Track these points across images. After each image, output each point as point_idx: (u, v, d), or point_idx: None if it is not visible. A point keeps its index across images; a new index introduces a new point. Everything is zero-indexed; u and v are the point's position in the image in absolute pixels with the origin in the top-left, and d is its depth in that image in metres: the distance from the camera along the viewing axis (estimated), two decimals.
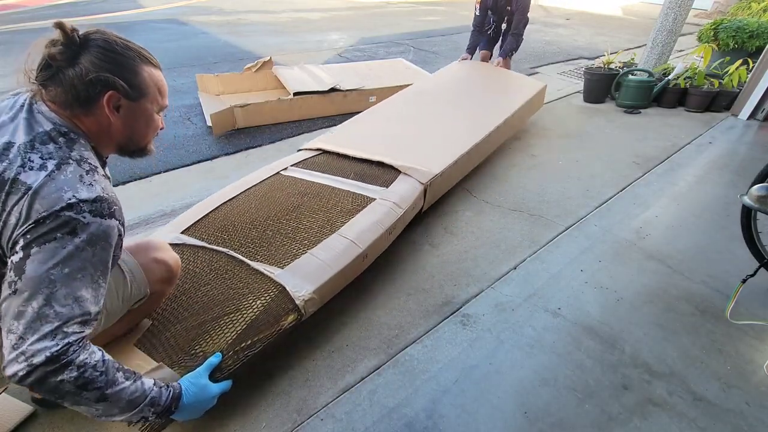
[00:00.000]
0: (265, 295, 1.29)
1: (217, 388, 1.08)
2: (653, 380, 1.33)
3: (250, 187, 1.85)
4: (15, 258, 0.76)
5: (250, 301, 1.27)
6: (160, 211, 2.20)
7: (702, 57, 3.77)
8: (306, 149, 2.22)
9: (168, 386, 0.97)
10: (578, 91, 4.13)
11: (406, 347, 1.44)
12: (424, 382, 1.32)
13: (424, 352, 1.42)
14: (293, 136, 3.15)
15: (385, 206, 1.71)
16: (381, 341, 1.45)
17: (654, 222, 2.15)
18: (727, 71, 3.65)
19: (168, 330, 1.21)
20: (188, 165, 2.69)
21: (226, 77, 3.72)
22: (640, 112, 3.69)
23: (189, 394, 1.00)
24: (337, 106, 3.52)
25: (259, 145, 2.97)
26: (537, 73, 4.86)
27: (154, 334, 1.21)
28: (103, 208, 0.81)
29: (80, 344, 0.80)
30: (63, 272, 0.77)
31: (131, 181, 2.47)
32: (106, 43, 0.85)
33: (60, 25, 0.81)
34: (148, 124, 0.96)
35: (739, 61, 3.61)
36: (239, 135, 3.12)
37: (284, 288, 1.31)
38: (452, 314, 1.57)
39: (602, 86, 3.86)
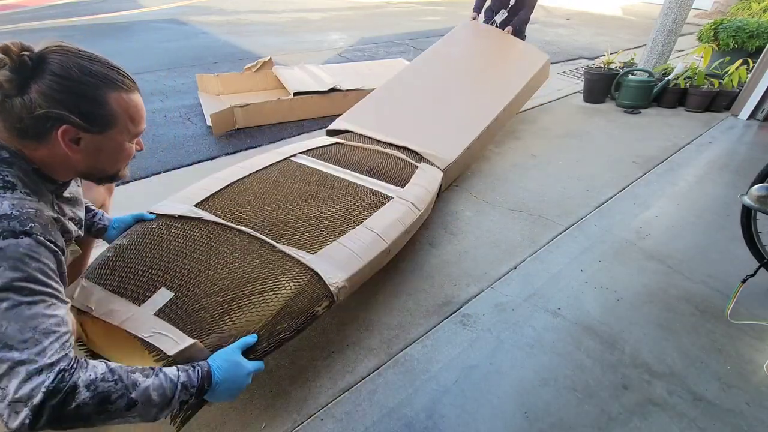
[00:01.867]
0: (298, 278, 1.23)
1: (251, 365, 0.98)
2: (653, 380, 1.33)
3: (260, 170, 1.79)
4: None
5: (283, 282, 1.20)
6: None
7: (702, 57, 3.77)
8: (333, 129, 2.35)
9: (194, 366, 0.89)
10: (578, 91, 4.13)
11: (406, 347, 1.44)
12: (424, 382, 1.32)
13: (424, 352, 1.42)
14: (293, 136, 3.15)
15: (404, 205, 1.71)
16: (381, 341, 1.45)
17: (654, 222, 2.15)
18: (727, 71, 3.66)
19: (196, 302, 1.11)
20: (188, 165, 2.68)
21: (226, 77, 3.72)
22: (640, 112, 3.69)
23: (221, 370, 0.92)
24: (337, 106, 3.52)
25: (259, 145, 2.97)
26: None
27: (179, 306, 1.10)
28: (13, 226, 0.70)
29: (75, 365, 0.71)
30: (1, 308, 0.67)
31: (131, 181, 2.47)
32: (62, 69, 0.72)
33: (5, 50, 0.69)
34: (116, 155, 0.85)
35: (739, 61, 3.61)
36: (239, 135, 3.12)
37: (317, 273, 1.26)
38: (452, 314, 1.57)
39: (602, 86, 3.87)
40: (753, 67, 3.49)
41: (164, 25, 6.92)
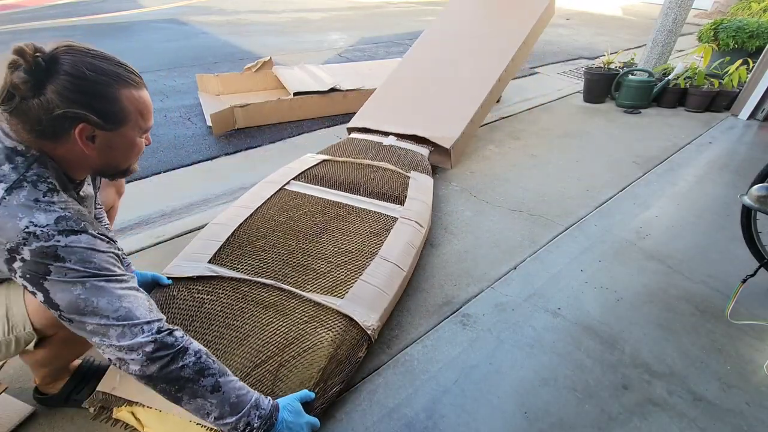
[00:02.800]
0: (335, 327, 1.28)
1: (309, 417, 1.05)
2: (653, 380, 1.33)
3: (260, 207, 1.79)
4: (39, 298, 0.77)
5: (323, 335, 1.25)
6: (160, 211, 2.20)
7: (702, 57, 3.77)
8: (353, 128, 2.60)
9: (266, 396, 0.99)
10: (578, 91, 4.13)
11: (406, 347, 1.43)
12: (424, 382, 1.32)
13: (424, 352, 1.42)
14: (293, 136, 3.15)
15: (410, 225, 1.75)
16: (381, 341, 1.45)
17: (654, 222, 2.15)
18: (727, 71, 3.65)
19: (247, 375, 1.14)
20: (188, 165, 2.68)
21: (226, 77, 3.72)
22: (640, 112, 3.69)
23: (286, 410, 1.01)
24: (337, 106, 3.52)
25: (260, 145, 2.97)
26: (537, 73, 4.86)
27: None
28: (70, 225, 0.77)
29: (181, 331, 0.86)
30: (86, 288, 0.77)
31: (131, 181, 2.47)
32: (75, 69, 0.74)
33: (20, 52, 0.71)
34: (128, 151, 0.89)
35: (739, 61, 3.61)
36: (239, 135, 3.11)
37: (352, 319, 1.31)
38: (452, 314, 1.57)
39: (602, 86, 3.86)
40: (753, 67, 3.49)
41: (164, 25, 6.92)
